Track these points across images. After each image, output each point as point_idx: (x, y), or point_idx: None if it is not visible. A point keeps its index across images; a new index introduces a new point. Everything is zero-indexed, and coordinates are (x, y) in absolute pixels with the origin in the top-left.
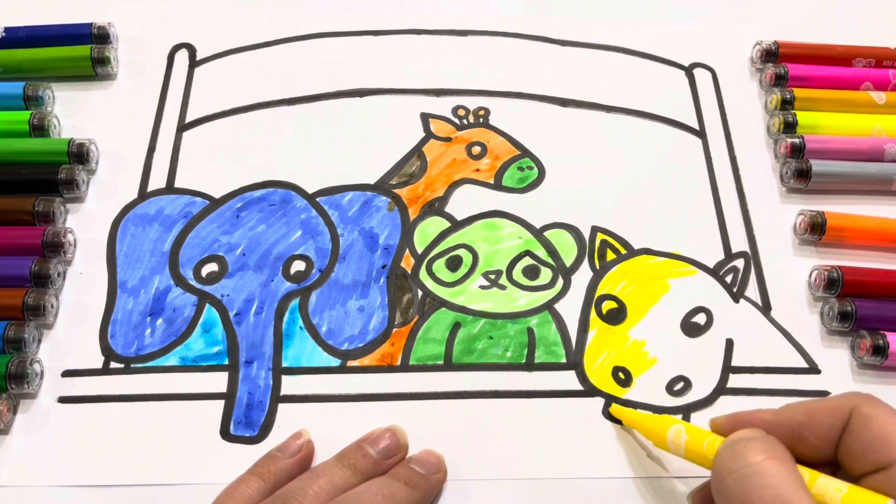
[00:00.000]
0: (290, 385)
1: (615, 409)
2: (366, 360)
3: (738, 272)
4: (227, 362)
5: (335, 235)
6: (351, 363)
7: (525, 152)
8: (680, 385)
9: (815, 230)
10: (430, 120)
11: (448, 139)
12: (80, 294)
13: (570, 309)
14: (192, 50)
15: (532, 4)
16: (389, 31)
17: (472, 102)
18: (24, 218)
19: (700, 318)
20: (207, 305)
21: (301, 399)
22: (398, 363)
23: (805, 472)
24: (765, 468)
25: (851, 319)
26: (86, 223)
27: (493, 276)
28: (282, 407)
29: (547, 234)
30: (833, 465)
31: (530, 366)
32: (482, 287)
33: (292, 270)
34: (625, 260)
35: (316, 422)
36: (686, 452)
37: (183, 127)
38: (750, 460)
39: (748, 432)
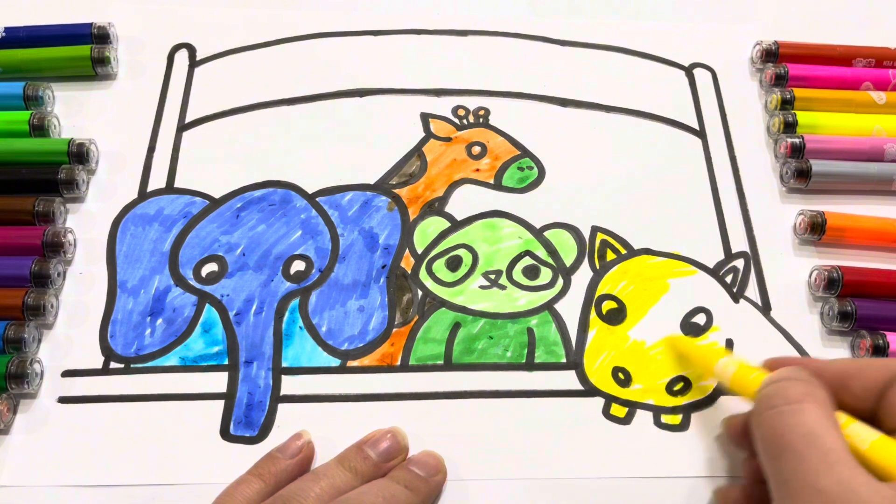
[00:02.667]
0: (289, 385)
1: (671, 338)
2: (366, 360)
3: (738, 272)
4: (227, 362)
5: (335, 235)
6: (351, 363)
7: (525, 152)
8: (680, 385)
9: (815, 230)
10: (430, 120)
11: (448, 139)
12: (80, 294)
13: (570, 309)
14: (191, 50)
15: (532, 4)
16: (389, 31)
17: (472, 102)
18: (24, 218)
19: (700, 318)
20: (207, 305)
21: (301, 399)
22: (398, 363)
23: (842, 416)
24: (803, 408)
25: (851, 319)
26: (86, 223)
27: (493, 276)
28: (282, 407)
29: (547, 234)
30: (874, 422)
31: (530, 366)
32: (482, 287)
33: (292, 270)
34: (625, 260)
35: (316, 422)
36: (731, 383)
37: (183, 127)
38: (790, 398)
39: (794, 371)
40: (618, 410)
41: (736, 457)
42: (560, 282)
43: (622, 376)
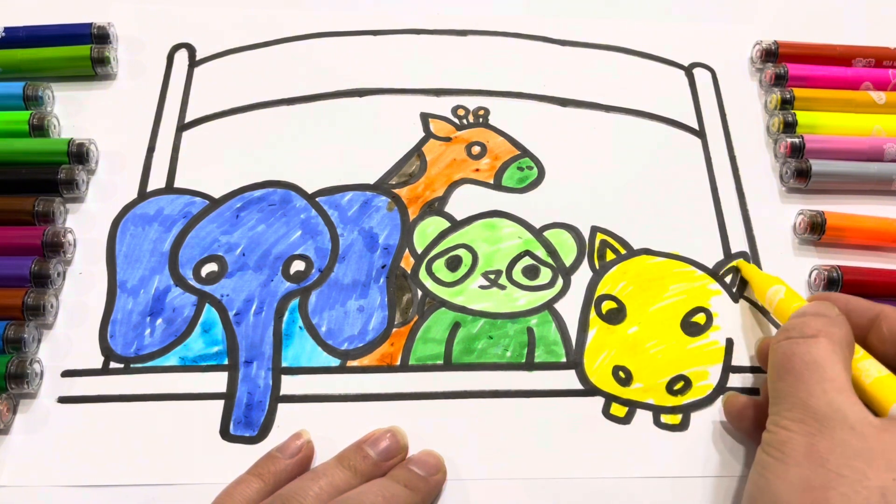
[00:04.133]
0: (289, 385)
1: (740, 262)
2: (365, 360)
3: (737, 272)
4: (226, 362)
5: (335, 235)
6: (351, 363)
7: (525, 152)
8: (680, 384)
9: (815, 230)
10: (430, 120)
11: (448, 139)
12: (79, 294)
13: (569, 309)
14: (191, 50)
15: (532, 4)
16: (389, 31)
17: (471, 102)
18: (24, 218)
19: (700, 318)
20: (207, 305)
21: (301, 399)
22: (398, 363)
23: (859, 350)
24: (815, 341)
25: None
26: (86, 223)
27: (492, 276)
28: (281, 407)
29: (547, 234)
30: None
31: (530, 365)
32: (482, 287)
33: (292, 270)
34: (624, 260)
35: (316, 422)
36: (775, 310)
37: (182, 127)
38: (806, 331)
39: (823, 306)
40: (618, 410)
41: (735, 456)
42: (560, 282)
43: (623, 375)
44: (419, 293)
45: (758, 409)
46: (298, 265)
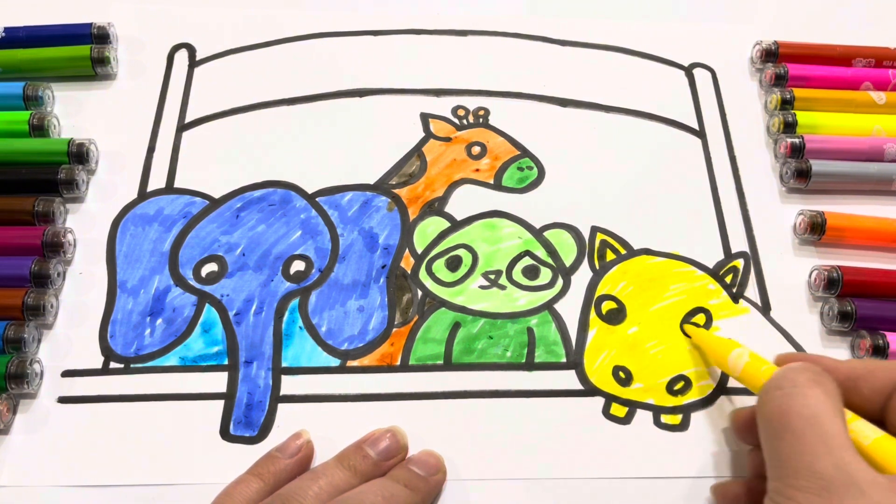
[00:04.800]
0: (289, 385)
1: (687, 327)
2: (365, 360)
3: (737, 272)
4: (226, 362)
5: (335, 235)
6: (351, 363)
7: (525, 152)
8: (680, 384)
9: (815, 230)
10: (430, 120)
11: (448, 139)
12: (79, 294)
13: (569, 309)
14: (191, 50)
15: (532, 4)
16: (389, 31)
17: (471, 102)
18: (24, 218)
19: (700, 318)
20: (207, 305)
21: (301, 399)
22: (398, 363)
23: (847, 412)
24: (809, 392)
25: (851, 319)
26: (86, 223)
27: (492, 276)
28: (281, 407)
29: (547, 234)
30: (880, 425)
31: (530, 365)
32: (482, 287)
33: (292, 270)
34: (624, 260)
35: (316, 422)
36: (742, 373)
37: (183, 127)
38: (798, 382)
39: (803, 365)
40: (618, 410)
41: (735, 456)
42: (560, 282)
43: (623, 375)
44: (419, 293)
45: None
46: (298, 265)
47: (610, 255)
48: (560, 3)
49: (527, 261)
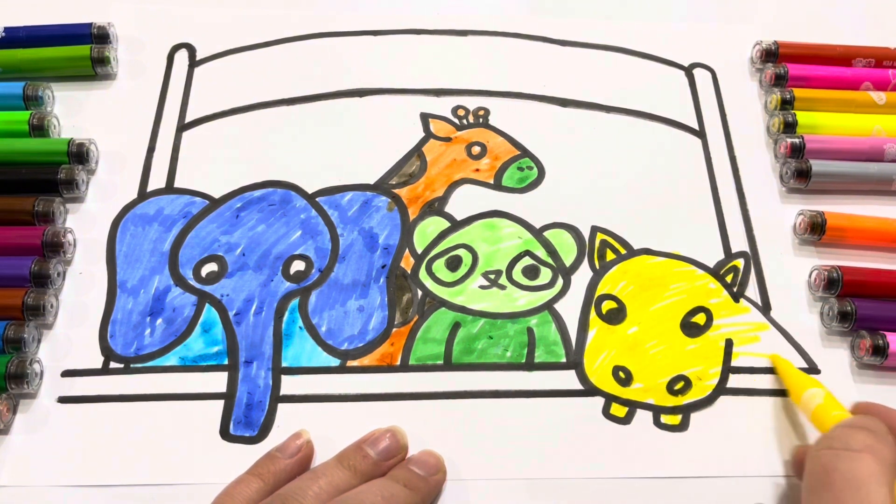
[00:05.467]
0: (289, 385)
1: (774, 357)
2: (365, 360)
3: (738, 272)
4: (226, 362)
5: (335, 235)
6: (351, 363)
7: (525, 152)
8: (680, 385)
9: (815, 230)
10: (430, 120)
11: (448, 139)
12: (79, 294)
13: (569, 309)
14: (191, 50)
15: (532, 4)
16: (389, 31)
17: (471, 102)
18: (23, 218)
19: (700, 318)
20: (207, 305)
21: (301, 399)
22: (398, 363)
23: None
24: (860, 457)
25: (851, 319)
26: (85, 223)
27: (492, 276)
28: (281, 407)
29: (547, 234)
30: None
31: (530, 365)
32: (482, 287)
33: (292, 270)
34: (624, 260)
35: (316, 422)
36: (812, 415)
37: (183, 127)
38: (851, 445)
39: (871, 421)
40: (618, 410)
41: (736, 457)
42: (560, 282)
43: (623, 375)
44: (419, 293)
45: None
46: (298, 265)
47: (610, 255)
48: (560, 3)
49: (527, 261)
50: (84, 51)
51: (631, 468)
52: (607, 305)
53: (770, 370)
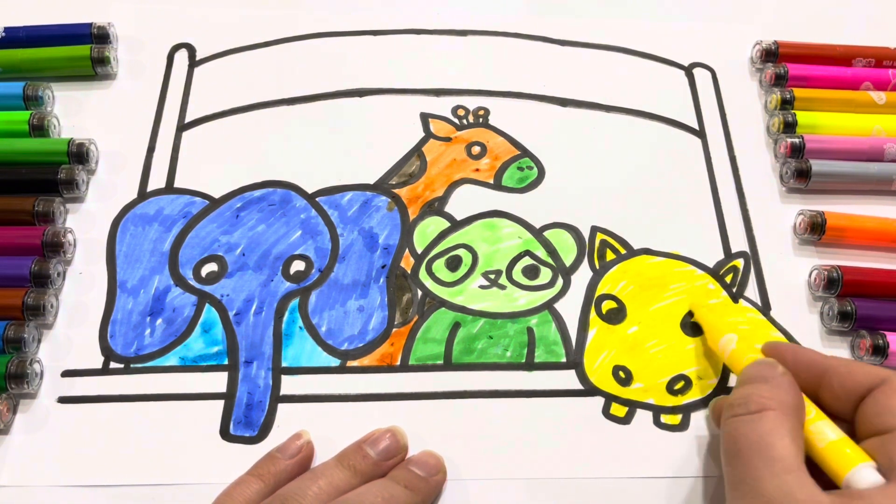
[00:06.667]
0: (289, 385)
1: (694, 305)
2: (365, 360)
3: (738, 272)
4: (226, 362)
5: (335, 235)
6: (351, 363)
7: (525, 152)
8: (680, 384)
9: (815, 230)
10: (430, 120)
11: (448, 139)
12: (79, 294)
13: (569, 309)
14: (191, 50)
15: (532, 4)
16: (389, 31)
17: (471, 102)
18: (24, 218)
19: None
20: (207, 305)
21: (301, 399)
22: (398, 363)
23: (811, 410)
24: (761, 416)
25: (851, 319)
26: (86, 223)
27: (492, 276)
28: (281, 407)
29: (547, 233)
30: (851, 425)
31: (530, 365)
32: (482, 287)
33: (292, 270)
34: (624, 260)
35: (316, 422)
36: (727, 361)
37: (182, 127)
38: (751, 407)
39: (766, 367)
40: (618, 410)
41: None
42: (560, 282)
43: (623, 375)
44: (419, 293)
45: None
46: (298, 265)
47: (610, 255)
48: (560, 3)
49: (527, 261)
50: (84, 51)
51: (631, 468)
52: (607, 305)
53: None
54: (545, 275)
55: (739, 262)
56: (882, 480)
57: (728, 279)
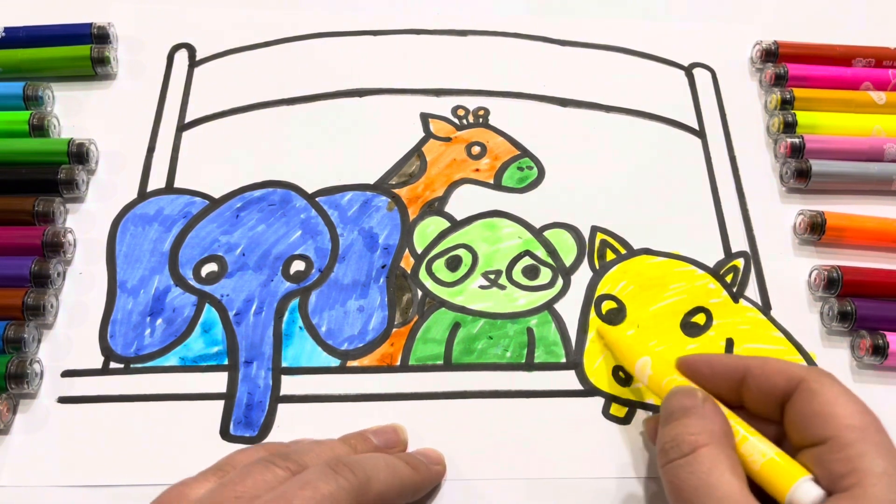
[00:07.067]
0: (289, 385)
1: (601, 326)
2: (365, 360)
3: (738, 272)
4: (226, 362)
5: (335, 235)
6: (351, 363)
7: (525, 152)
8: None
9: (815, 230)
10: (430, 120)
11: (448, 139)
12: (79, 294)
13: (569, 309)
14: (191, 50)
15: (532, 4)
16: (389, 31)
17: (471, 102)
18: (24, 218)
19: (700, 318)
20: (207, 305)
21: (301, 399)
22: (398, 363)
23: (739, 431)
24: (695, 457)
25: (851, 319)
26: (85, 223)
27: (492, 276)
28: (281, 407)
29: (546, 233)
30: (780, 427)
31: (530, 366)
32: (482, 287)
33: (292, 270)
34: (624, 260)
35: (316, 422)
36: (649, 385)
37: (182, 127)
38: (684, 449)
39: (686, 396)
40: (618, 410)
41: None
42: (560, 282)
43: (623, 375)
44: (419, 293)
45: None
46: (298, 265)
47: (610, 255)
48: (560, 3)
49: (527, 261)
50: (84, 51)
51: (631, 468)
52: (607, 305)
53: None
54: (545, 275)
55: (740, 262)
56: (822, 493)
57: (728, 279)
